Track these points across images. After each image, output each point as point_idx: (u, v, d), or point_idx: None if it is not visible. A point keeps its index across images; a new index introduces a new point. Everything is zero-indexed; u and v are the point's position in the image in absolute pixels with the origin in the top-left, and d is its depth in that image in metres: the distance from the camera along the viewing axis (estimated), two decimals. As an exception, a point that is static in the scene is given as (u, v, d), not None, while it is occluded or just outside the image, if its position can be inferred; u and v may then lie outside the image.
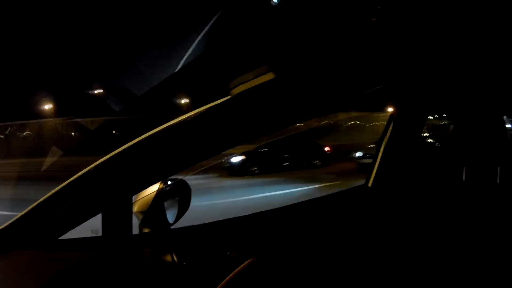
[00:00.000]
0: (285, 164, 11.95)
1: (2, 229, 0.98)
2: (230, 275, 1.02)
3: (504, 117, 1.44)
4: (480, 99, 1.46)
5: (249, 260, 1.09)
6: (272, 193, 7.93)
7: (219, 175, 10.71)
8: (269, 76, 0.84)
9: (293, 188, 8.33)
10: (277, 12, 0.60)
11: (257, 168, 11.47)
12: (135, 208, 1.17)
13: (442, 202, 1.46)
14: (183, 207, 1.25)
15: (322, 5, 0.63)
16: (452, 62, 0.95)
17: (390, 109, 1.76)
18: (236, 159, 11.35)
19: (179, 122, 1.00)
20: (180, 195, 1.27)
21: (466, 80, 1.16)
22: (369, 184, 1.70)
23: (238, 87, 0.90)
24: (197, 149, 1.04)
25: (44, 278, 0.85)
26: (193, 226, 1.27)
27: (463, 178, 1.37)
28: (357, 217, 1.56)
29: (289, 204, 1.51)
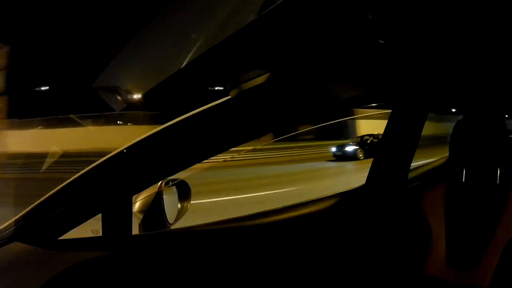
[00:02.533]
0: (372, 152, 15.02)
1: (2, 229, 0.98)
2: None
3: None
4: (480, 99, 1.45)
5: None
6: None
7: (330, 161, 14.71)
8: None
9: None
10: (279, 11, 0.59)
11: (362, 155, 15.13)
12: (135, 208, 1.17)
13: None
14: (183, 207, 1.26)
15: (322, 5, 0.63)
16: (452, 62, 0.95)
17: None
18: (350, 148, 15.59)
19: (179, 122, 1.00)
20: (180, 195, 1.27)
21: (466, 80, 1.16)
22: (369, 185, 1.70)
23: (237, 88, 0.89)
24: (196, 149, 1.04)
25: (44, 279, 0.85)
26: (193, 226, 1.27)
27: (463, 178, 1.37)
28: (356, 218, 1.56)
29: (289, 204, 1.51)
